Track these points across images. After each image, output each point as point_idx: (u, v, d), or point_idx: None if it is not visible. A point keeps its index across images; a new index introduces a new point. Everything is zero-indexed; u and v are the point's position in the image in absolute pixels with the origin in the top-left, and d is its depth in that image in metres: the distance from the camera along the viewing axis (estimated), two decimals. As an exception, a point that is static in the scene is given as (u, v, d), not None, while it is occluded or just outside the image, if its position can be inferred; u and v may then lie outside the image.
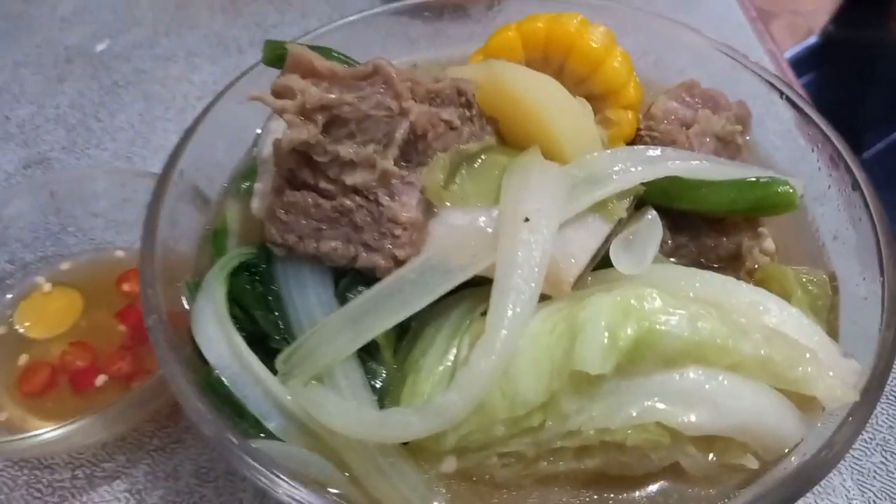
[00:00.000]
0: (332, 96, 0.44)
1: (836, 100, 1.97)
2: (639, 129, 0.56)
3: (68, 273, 0.66)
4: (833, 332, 0.47)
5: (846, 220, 0.50)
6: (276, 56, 0.53)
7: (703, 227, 0.51)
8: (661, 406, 0.39)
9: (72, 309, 0.64)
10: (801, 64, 2.18)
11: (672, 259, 0.51)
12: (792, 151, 0.57)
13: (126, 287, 0.65)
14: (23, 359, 0.60)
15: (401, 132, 0.44)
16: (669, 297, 0.40)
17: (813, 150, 0.54)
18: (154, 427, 0.60)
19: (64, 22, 0.98)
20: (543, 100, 0.48)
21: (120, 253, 0.68)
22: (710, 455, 0.41)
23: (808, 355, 0.39)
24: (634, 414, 0.39)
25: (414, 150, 0.46)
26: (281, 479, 0.38)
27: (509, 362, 0.39)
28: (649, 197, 0.49)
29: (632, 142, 0.55)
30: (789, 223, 0.53)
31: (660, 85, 0.60)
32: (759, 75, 0.58)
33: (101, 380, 0.59)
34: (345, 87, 0.44)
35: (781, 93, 0.57)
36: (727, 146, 0.55)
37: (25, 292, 0.65)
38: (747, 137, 0.58)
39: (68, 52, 0.94)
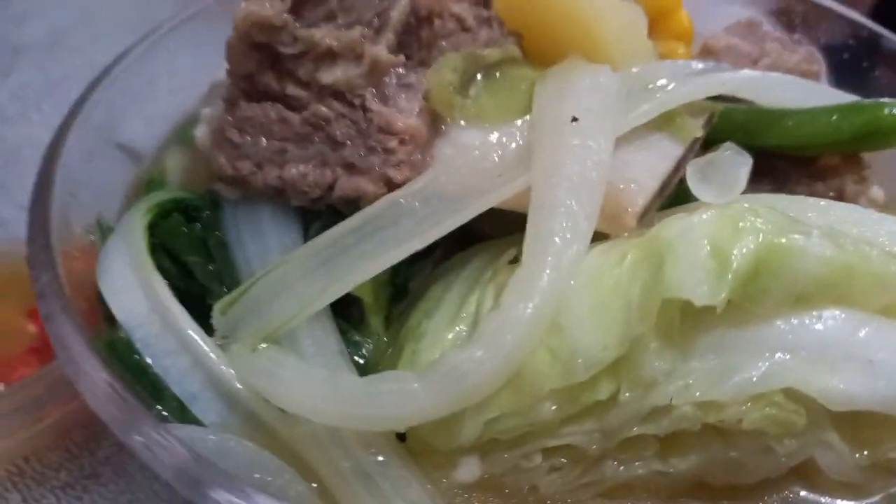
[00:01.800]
0: (307, -40, 0.33)
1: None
2: (696, 66, 0.45)
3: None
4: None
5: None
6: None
7: (792, 171, 0.40)
8: (792, 365, 0.25)
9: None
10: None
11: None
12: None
13: (41, 278, 0.52)
14: None
15: (398, 11, 0.33)
16: (785, 214, 0.28)
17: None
18: (61, 458, 0.46)
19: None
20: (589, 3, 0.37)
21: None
22: (859, 451, 0.27)
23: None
24: (754, 378, 0.25)
25: (416, 41, 0.35)
26: (216, 487, 0.24)
27: (559, 308, 0.26)
28: (726, 133, 0.38)
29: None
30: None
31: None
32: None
33: (-4, 388, 0.45)
34: (324, -50, 0.33)
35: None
36: (805, 89, 0.45)
37: None
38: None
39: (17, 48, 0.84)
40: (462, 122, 0.35)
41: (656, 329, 0.26)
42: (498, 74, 0.37)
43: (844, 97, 0.40)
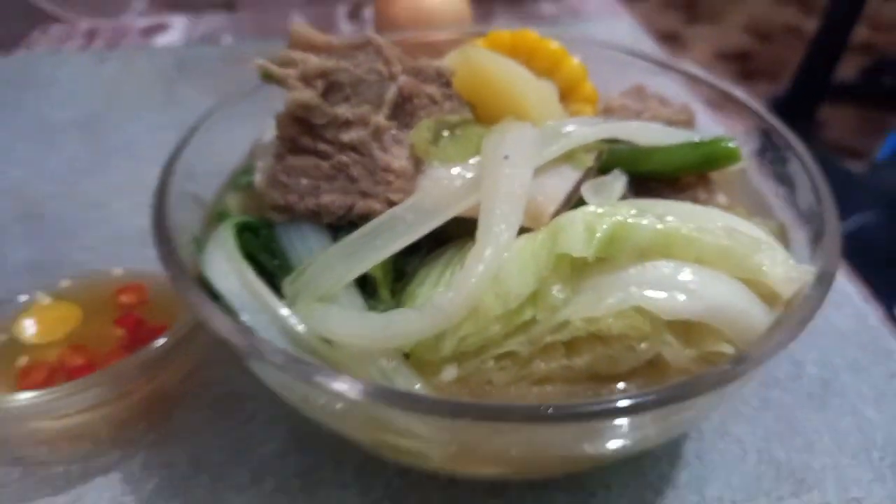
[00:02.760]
0: (330, 63, 0.50)
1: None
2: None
3: (67, 289, 0.68)
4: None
5: (782, 177, 0.57)
6: (268, 75, 0.60)
7: (664, 187, 0.57)
8: (638, 292, 0.42)
9: (70, 318, 0.65)
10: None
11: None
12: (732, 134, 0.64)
13: (124, 298, 0.67)
14: (21, 361, 0.61)
15: (391, 93, 0.51)
16: (640, 208, 0.45)
17: (749, 129, 0.61)
18: (147, 424, 0.61)
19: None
20: (515, 77, 0.55)
21: (118, 271, 0.70)
22: (689, 347, 0.44)
23: (764, 246, 0.44)
24: (615, 301, 0.42)
25: (402, 112, 0.52)
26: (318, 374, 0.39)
27: (499, 268, 0.43)
28: (615, 163, 0.55)
29: (592, 130, 0.62)
30: (737, 188, 0.60)
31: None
32: (692, 75, 0.66)
33: (99, 375, 0.60)
34: (341, 56, 0.51)
35: (711, 86, 0.65)
36: (676, 133, 0.63)
37: (25, 306, 0.67)
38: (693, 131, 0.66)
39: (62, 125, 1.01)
40: (435, 163, 0.52)
41: (555, 274, 0.43)
42: (458, 131, 0.54)
43: (695, 136, 0.58)
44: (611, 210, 0.44)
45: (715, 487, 0.56)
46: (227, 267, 0.47)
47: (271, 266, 0.49)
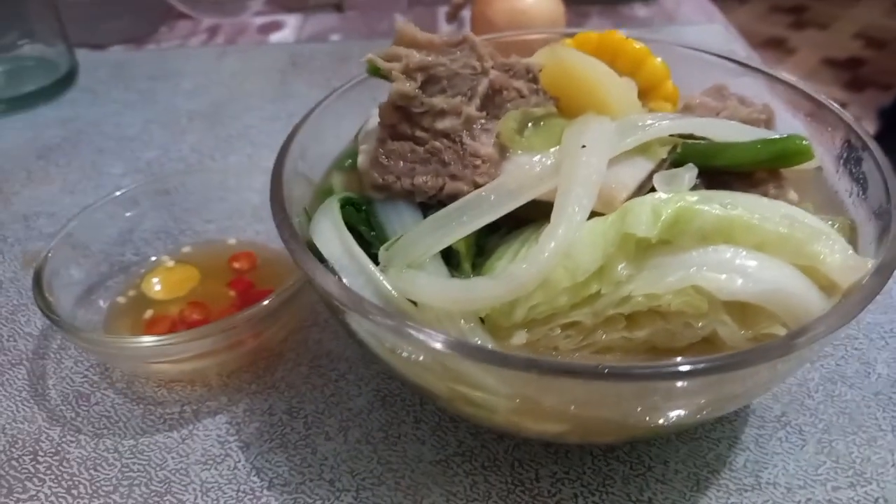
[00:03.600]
0: (430, 59, 0.56)
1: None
2: (677, 118, 0.67)
3: (188, 254, 0.78)
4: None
5: (856, 176, 0.59)
6: (376, 69, 0.67)
7: (736, 181, 0.59)
8: (697, 273, 0.46)
9: (190, 279, 0.75)
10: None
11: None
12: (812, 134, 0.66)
13: (237, 265, 0.76)
14: (148, 313, 0.71)
15: (482, 86, 0.56)
16: (706, 196, 0.49)
17: (828, 130, 0.63)
18: (252, 375, 0.69)
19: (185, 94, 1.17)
20: (599, 75, 0.60)
21: (232, 241, 0.79)
22: (744, 328, 0.47)
23: (824, 237, 0.47)
24: (676, 279, 0.46)
25: (491, 104, 0.57)
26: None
27: (570, 245, 0.48)
28: (689, 157, 0.58)
29: (672, 127, 0.66)
30: (811, 186, 0.62)
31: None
32: (771, 75, 0.69)
33: (216, 328, 0.68)
34: (439, 52, 0.57)
35: (790, 87, 0.67)
36: (754, 131, 0.65)
37: (153, 266, 0.76)
38: (771, 130, 0.68)
39: (190, 114, 1.12)
40: (519, 151, 0.57)
41: (621, 252, 0.47)
42: (542, 123, 0.60)
43: (770, 134, 0.60)
44: (677, 196, 0.48)
45: (771, 473, 0.59)
46: (331, 234, 0.53)
47: (369, 237, 0.56)
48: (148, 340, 0.60)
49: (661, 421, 0.49)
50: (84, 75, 1.23)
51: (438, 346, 0.43)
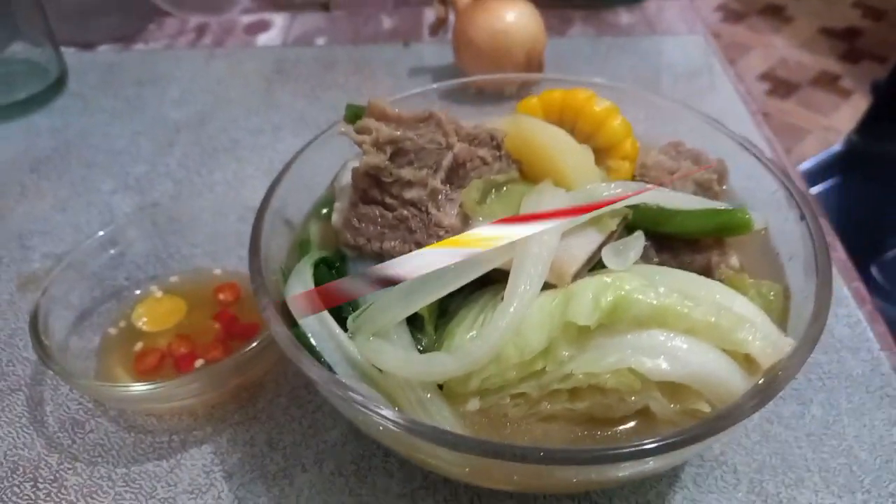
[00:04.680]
0: (398, 133, 0.60)
1: (858, 203, 2.11)
2: (634, 176, 0.71)
3: (176, 284, 0.83)
4: (783, 329, 0.59)
5: (798, 242, 0.63)
6: (354, 115, 0.70)
7: (682, 246, 0.64)
8: (632, 357, 0.51)
9: (177, 311, 0.79)
10: (824, 170, 2.33)
11: (656, 270, 0.64)
12: (763, 194, 0.70)
13: (221, 296, 0.81)
14: (138, 346, 0.76)
15: (447, 160, 0.60)
16: (643, 280, 0.54)
17: (775, 192, 0.68)
18: (235, 406, 0.74)
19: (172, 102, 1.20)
20: (555, 144, 0.64)
21: (217, 271, 0.84)
22: (673, 403, 0.53)
23: (748, 324, 0.52)
24: (613, 361, 0.51)
25: (456, 176, 0.62)
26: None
27: (520, 322, 0.53)
28: (639, 223, 0.63)
29: (627, 185, 0.70)
30: (755, 247, 0.67)
31: (655, 145, 0.76)
32: (735, 140, 0.72)
33: (199, 363, 0.74)
34: (407, 127, 0.61)
35: (750, 152, 0.71)
36: (706, 191, 0.70)
37: (142, 297, 0.81)
38: (724, 186, 0.72)
39: (177, 124, 1.15)
40: (480, 219, 0.62)
41: (564, 336, 0.52)
42: (503, 190, 0.64)
43: (716, 205, 0.65)
44: (617, 283, 0.53)
45: (705, 511, 0.65)
46: (304, 299, 0.58)
47: (341, 299, 0.60)
48: (137, 388, 0.65)
49: (599, 483, 0.55)
50: (74, 79, 1.26)
51: (391, 426, 0.48)
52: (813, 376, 0.76)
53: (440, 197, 0.60)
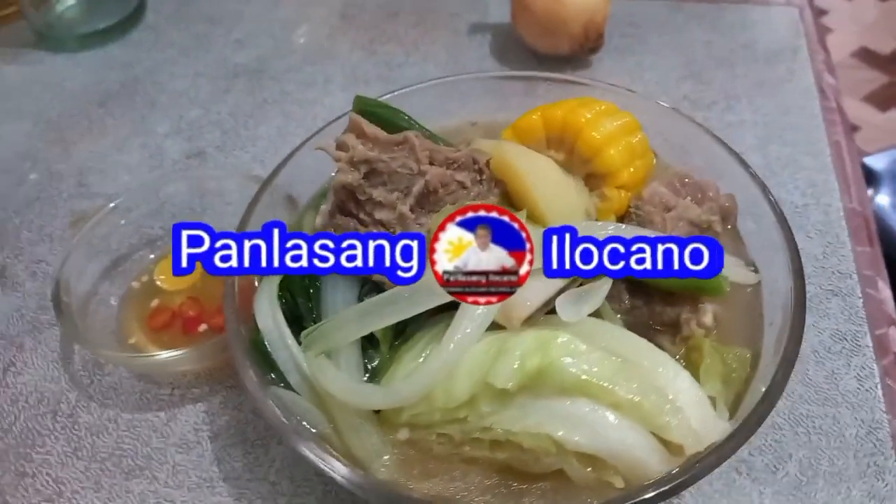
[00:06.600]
0: (373, 154, 0.61)
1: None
2: (629, 207, 0.68)
3: (197, 245, 0.88)
4: (739, 400, 0.57)
5: (778, 311, 0.60)
6: (362, 108, 0.71)
7: (656, 296, 0.62)
8: (551, 423, 0.52)
9: (194, 272, 0.85)
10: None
11: (623, 316, 0.62)
12: (765, 242, 0.66)
13: (234, 262, 0.86)
14: (154, 302, 0.83)
15: (417, 187, 0.60)
16: (581, 343, 0.53)
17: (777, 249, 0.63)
18: (231, 371, 0.80)
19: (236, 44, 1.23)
20: (533, 175, 0.62)
21: (236, 236, 0.89)
22: (589, 469, 0.53)
23: (670, 408, 0.51)
24: (530, 423, 0.52)
25: (427, 201, 0.62)
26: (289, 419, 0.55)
27: (453, 367, 0.54)
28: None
29: (621, 217, 0.68)
30: (742, 303, 0.64)
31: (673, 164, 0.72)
32: (752, 177, 0.68)
33: (203, 328, 0.79)
34: (383, 148, 0.61)
35: (764, 194, 0.66)
36: (703, 233, 0.66)
37: (165, 253, 0.87)
38: (728, 226, 0.68)
39: (236, 69, 1.18)
40: (447, 247, 0.63)
41: (487, 391, 0.53)
42: (477, 217, 0.64)
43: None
44: (549, 348, 0.52)
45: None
46: (267, 311, 0.61)
47: (305, 309, 0.63)
48: (154, 358, 0.73)
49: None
50: (151, 11, 1.30)
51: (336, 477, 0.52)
52: (800, 429, 0.73)
53: (408, 222, 0.61)
